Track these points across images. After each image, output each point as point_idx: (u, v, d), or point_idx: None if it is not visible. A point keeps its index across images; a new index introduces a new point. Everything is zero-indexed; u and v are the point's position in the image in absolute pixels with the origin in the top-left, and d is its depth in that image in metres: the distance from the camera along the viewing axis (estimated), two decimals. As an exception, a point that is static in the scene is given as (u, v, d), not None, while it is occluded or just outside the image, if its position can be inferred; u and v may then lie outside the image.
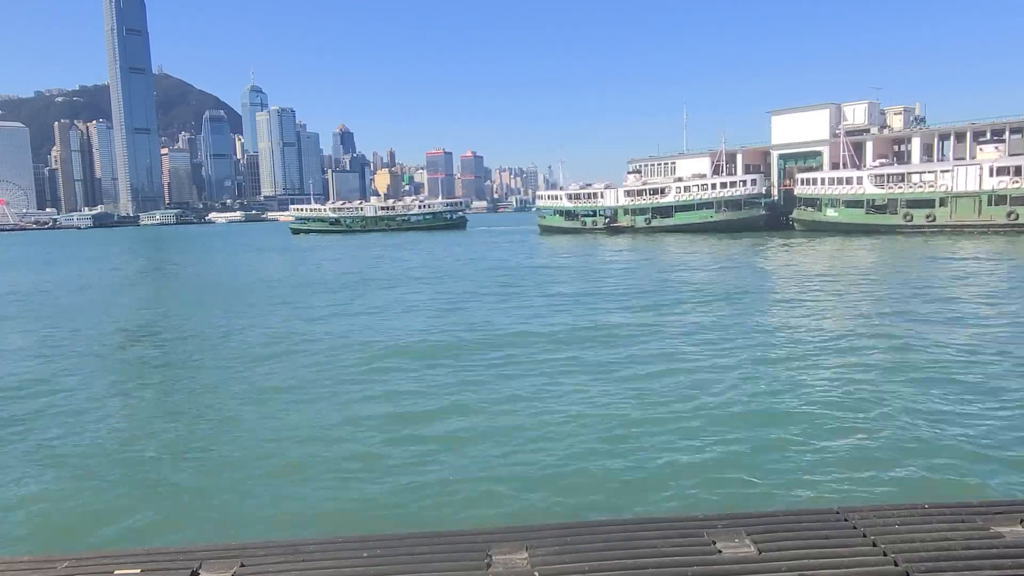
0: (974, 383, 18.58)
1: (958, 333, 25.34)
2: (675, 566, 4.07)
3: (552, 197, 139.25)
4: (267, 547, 4.64)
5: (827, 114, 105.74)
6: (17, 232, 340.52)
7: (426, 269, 64.86)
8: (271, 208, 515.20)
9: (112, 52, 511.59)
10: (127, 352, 28.23)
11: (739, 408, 17.17)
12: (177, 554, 4.54)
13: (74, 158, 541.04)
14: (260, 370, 23.42)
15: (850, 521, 4.64)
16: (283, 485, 13.44)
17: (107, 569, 4.32)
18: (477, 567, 4.16)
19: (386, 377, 21.71)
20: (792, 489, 12.35)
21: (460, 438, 15.75)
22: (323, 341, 28.14)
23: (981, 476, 12.64)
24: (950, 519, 4.59)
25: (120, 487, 13.68)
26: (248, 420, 17.77)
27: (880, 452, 13.89)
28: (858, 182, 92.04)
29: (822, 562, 4.06)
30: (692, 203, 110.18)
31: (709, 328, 28.32)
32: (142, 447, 16.00)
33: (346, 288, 49.91)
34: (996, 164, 79.93)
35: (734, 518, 4.82)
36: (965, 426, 15.19)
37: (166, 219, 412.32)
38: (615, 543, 4.43)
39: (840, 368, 20.97)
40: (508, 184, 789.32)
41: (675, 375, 20.64)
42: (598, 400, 18.30)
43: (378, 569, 4.23)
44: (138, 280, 65.86)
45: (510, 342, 26.70)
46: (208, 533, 11.25)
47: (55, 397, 20.59)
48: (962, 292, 36.34)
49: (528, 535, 4.59)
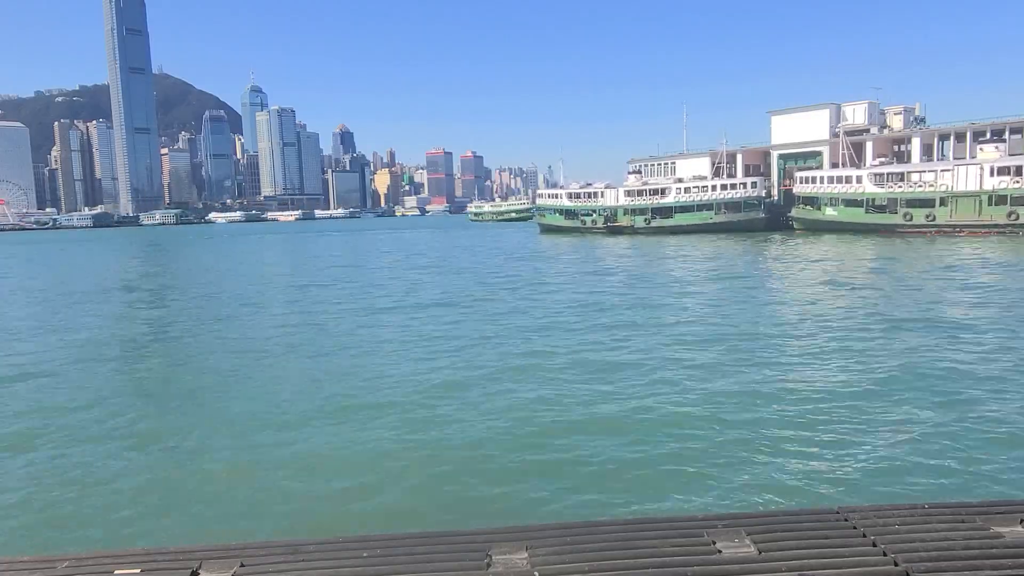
0: (974, 383, 18.58)
1: (958, 333, 25.33)
2: (675, 566, 4.07)
3: (552, 196, 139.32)
4: (267, 547, 4.63)
5: (827, 114, 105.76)
6: (17, 232, 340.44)
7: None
8: (271, 208, 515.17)
9: (112, 52, 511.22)
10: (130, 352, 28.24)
11: (739, 408, 17.16)
12: (177, 554, 4.54)
13: (74, 158, 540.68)
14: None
15: (850, 521, 4.64)
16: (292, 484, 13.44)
17: (107, 569, 4.32)
18: (477, 567, 4.16)
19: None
20: (792, 489, 12.35)
21: (460, 436, 15.77)
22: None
23: (981, 476, 12.64)
24: (950, 519, 4.59)
25: (120, 487, 13.69)
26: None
27: (880, 452, 13.89)
28: (858, 181, 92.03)
29: (822, 562, 4.06)
30: (692, 204, 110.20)
31: (708, 328, 28.32)
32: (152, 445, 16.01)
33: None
34: (996, 164, 79.92)
35: (734, 518, 4.82)
36: (965, 426, 15.18)
37: (166, 219, 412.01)
38: (615, 543, 4.42)
39: (840, 368, 20.96)
40: (508, 184, 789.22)
41: (675, 376, 20.64)
42: (600, 398, 18.31)
43: (378, 569, 4.23)
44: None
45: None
46: (208, 533, 11.25)
47: (58, 395, 20.61)
48: (963, 292, 36.33)
49: (528, 535, 4.59)
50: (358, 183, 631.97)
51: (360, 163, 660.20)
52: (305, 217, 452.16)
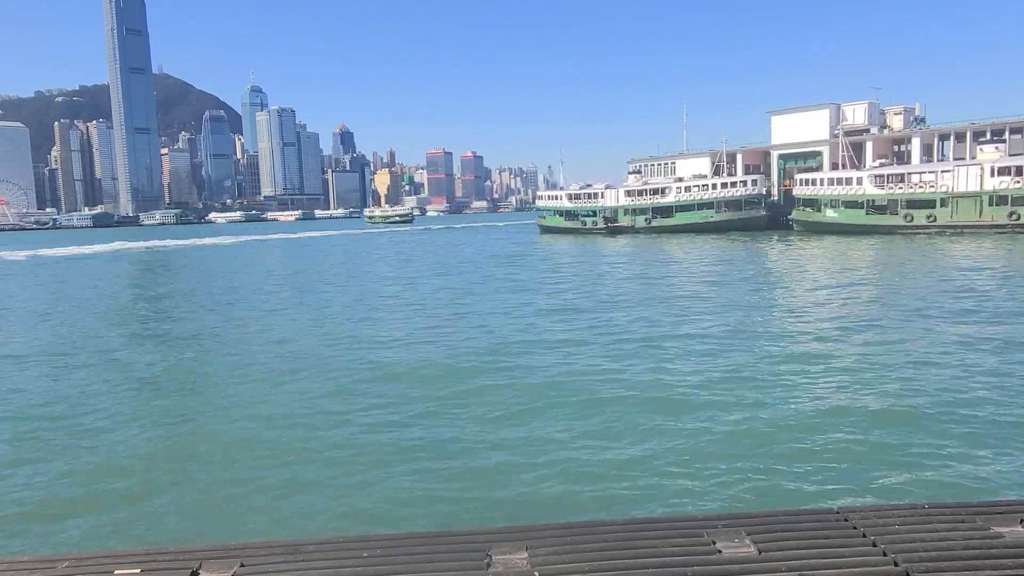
0: (974, 383, 18.57)
1: (958, 334, 25.32)
2: (675, 566, 4.07)
3: (552, 197, 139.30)
4: (267, 547, 4.63)
5: (827, 114, 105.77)
6: (17, 232, 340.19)
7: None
8: (271, 208, 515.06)
9: (112, 52, 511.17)
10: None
11: (738, 408, 17.16)
12: (177, 554, 4.54)
13: (74, 158, 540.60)
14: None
15: (850, 521, 4.64)
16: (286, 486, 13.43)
17: (107, 569, 4.32)
18: (477, 567, 4.16)
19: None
20: (792, 489, 12.35)
21: (460, 435, 15.76)
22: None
23: (981, 476, 12.64)
24: (950, 519, 4.58)
25: (120, 487, 13.69)
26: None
27: (880, 452, 13.89)
28: (858, 182, 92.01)
29: (822, 562, 4.05)
30: (693, 203, 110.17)
31: (708, 329, 28.31)
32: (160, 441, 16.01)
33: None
34: (997, 164, 79.89)
35: (734, 518, 4.81)
36: (965, 426, 15.18)
37: (166, 219, 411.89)
38: (615, 543, 4.42)
39: (840, 368, 20.96)
40: (508, 184, 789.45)
41: (673, 375, 20.64)
42: (598, 400, 18.31)
43: (378, 569, 4.22)
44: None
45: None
46: (208, 533, 11.24)
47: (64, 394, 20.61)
48: (964, 293, 36.31)
49: (528, 535, 4.59)
50: (358, 183, 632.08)
51: (360, 163, 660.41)
52: (305, 217, 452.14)
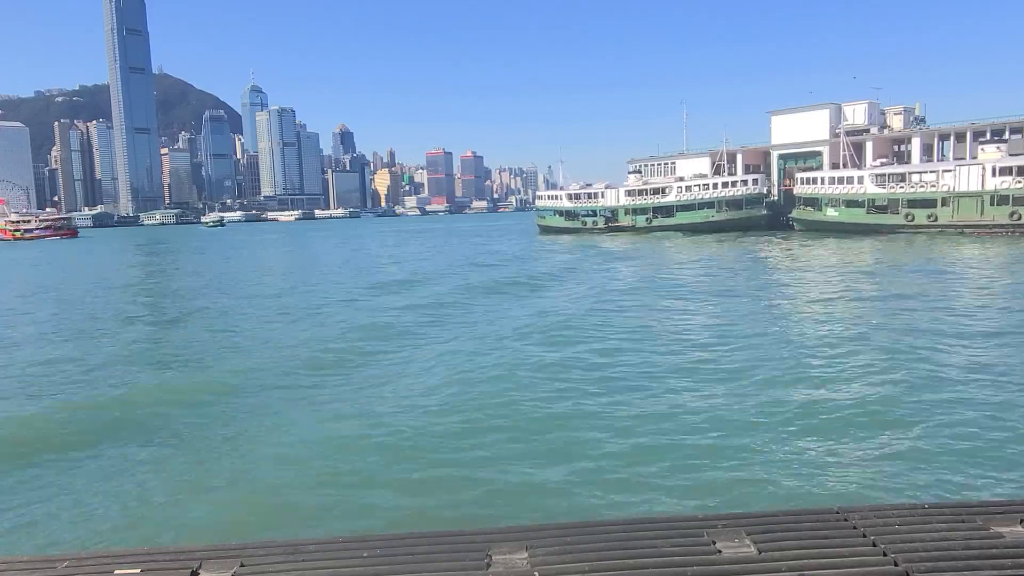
0: (974, 383, 18.56)
1: (958, 334, 25.32)
2: (675, 566, 4.07)
3: (552, 197, 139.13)
4: (267, 547, 4.63)
5: (827, 114, 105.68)
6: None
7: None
8: (271, 208, 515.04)
9: (112, 52, 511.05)
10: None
11: (738, 409, 17.16)
12: (177, 554, 4.54)
13: (74, 158, 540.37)
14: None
15: (850, 521, 4.64)
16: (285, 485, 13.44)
17: (107, 569, 4.32)
18: (477, 567, 4.16)
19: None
20: (792, 489, 12.34)
21: (459, 435, 15.76)
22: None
23: (981, 476, 12.63)
24: (950, 519, 4.59)
25: (120, 487, 13.69)
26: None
27: (880, 452, 13.88)
28: (859, 182, 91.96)
29: (822, 562, 4.06)
30: (693, 202, 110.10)
31: (708, 330, 28.32)
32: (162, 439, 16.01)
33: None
34: (998, 164, 79.82)
35: (734, 518, 4.82)
36: (965, 426, 15.17)
37: (166, 219, 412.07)
38: (615, 543, 4.42)
39: (839, 369, 20.95)
40: (508, 184, 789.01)
41: (672, 375, 20.64)
42: (599, 398, 18.31)
43: (378, 569, 4.23)
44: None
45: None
46: (208, 533, 11.24)
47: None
48: (964, 293, 36.31)
49: (528, 535, 4.59)
50: (358, 183, 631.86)
51: (360, 163, 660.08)
52: (305, 217, 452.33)
